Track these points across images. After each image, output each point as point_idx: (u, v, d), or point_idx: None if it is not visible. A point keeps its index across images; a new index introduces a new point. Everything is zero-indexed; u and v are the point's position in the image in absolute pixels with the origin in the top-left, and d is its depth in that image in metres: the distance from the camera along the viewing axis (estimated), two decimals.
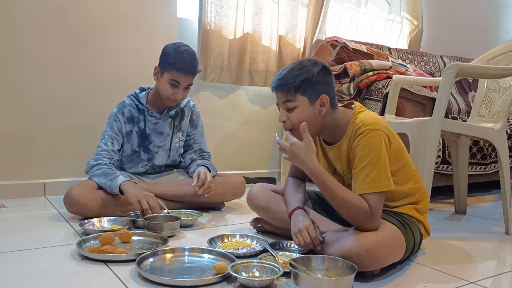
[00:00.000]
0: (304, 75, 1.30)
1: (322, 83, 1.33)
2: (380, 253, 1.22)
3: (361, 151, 1.28)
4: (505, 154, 1.88)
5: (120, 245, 1.43)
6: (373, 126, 1.29)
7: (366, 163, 1.27)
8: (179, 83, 1.87)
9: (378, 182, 1.26)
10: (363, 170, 1.27)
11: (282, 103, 1.34)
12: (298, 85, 1.30)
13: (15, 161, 2.17)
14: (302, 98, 1.31)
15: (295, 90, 1.31)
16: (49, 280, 1.18)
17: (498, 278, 1.36)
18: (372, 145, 1.27)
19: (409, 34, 3.53)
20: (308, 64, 1.33)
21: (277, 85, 1.34)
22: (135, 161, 2.00)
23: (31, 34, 2.15)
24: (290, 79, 1.31)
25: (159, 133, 2.00)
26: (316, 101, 1.32)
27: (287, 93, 1.32)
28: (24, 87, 2.16)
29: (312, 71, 1.31)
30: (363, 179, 1.27)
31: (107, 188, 1.78)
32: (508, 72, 1.81)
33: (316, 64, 1.34)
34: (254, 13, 2.70)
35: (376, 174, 1.26)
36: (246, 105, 2.83)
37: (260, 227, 1.70)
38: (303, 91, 1.31)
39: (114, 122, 1.94)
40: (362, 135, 1.29)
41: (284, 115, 1.35)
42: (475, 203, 2.50)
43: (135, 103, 1.97)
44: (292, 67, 1.34)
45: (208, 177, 1.88)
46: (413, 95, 2.34)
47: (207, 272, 1.24)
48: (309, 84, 1.31)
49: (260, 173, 2.89)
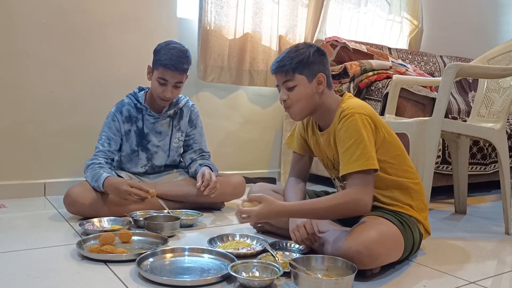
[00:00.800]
0: (300, 56, 1.38)
1: (318, 63, 1.40)
2: (380, 250, 1.23)
3: (345, 132, 1.32)
4: (505, 154, 1.88)
5: (120, 245, 1.43)
6: (356, 110, 1.33)
7: (351, 143, 1.30)
8: (166, 80, 1.85)
9: (363, 160, 1.28)
10: (348, 151, 1.31)
11: (282, 83, 1.41)
12: (296, 66, 1.37)
13: (15, 161, 2.17)
14: (301, 77, 1.38)
15: (293, 70, 1.38)
16: (49, 280, 1.18)
17: (498, 278, 1.36)
18: (355, 126, 1.31)
19: (409, 34, 3.53)
20: (303, 47, 1.41)
21: (276, 67, 1.41)
22: (134, 161, 2.00)
23: (31, 34, 2.15)
24: (287, 61, 1.38)
25: (157, 133, 2.00)
26: (314, 79, 1.39)
27: (285, 74, 1.39)
28: (24, 87, 2.16)
29: (308, 52, 1.39)
30: (348, 159, 1.30)
31: (97, 189, 1.79)
32: (508, 72, 1.81)
33: (311, 46, 1.42)
34: (254, 13, 2.70)
35: (361, 153, 1.29)
36: (246, 105, 2.83)
37: (260, 227, 1.70)
38: (301, 70, 1.38)
39: (112, 121, 1.94)
40: (346, 118, 1.33)
41: (285, 94, 1.41)
42: (475, 203, 2.50)
43: (133, 102, 1.97)
44: (289, 50, 1.41)
45: (213, 177, 1.89)
46: (413, 95, 2.34)
47: (207, 272, 1.24)
48: (306, 64, 1.38)
49: (260, 173, 2.89)
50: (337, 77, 2.60)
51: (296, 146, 1.62)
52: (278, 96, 2.93)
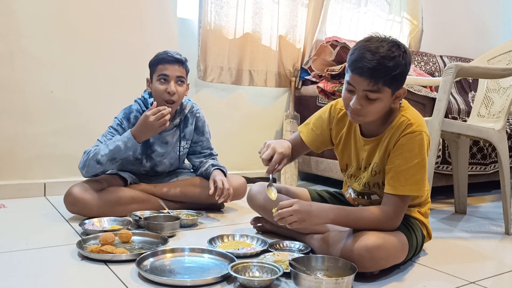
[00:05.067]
0: (397, 68, 1.19)
1: (406, 74, 1.25)
2: (381, 254, 1.22)
3: (409, 151, 1.26)
4: (505, 154, 1.88)
5: (120, 245, 1.43)
6: (423, 128, 1.28)
7: (413, 164, 1.25)
8: (167, 75, 1.82)
9: (421, 185, 1.27)
10: (408, 172, 1.26)
11: (362, 90, 1.22)
12: (389, 78, 1.19)
13: (15, 161, 2.17)
14: (387, 90, 1.22)
15: (384, 82, 1.19)
16: (49, 280, 1.18)
17: (498, 278, 1.36)
18: (421, 147, 1.26)
19: (409, 34, 3.53)
20: (399, 52, 1.21)
21: (367, 73, 1.19)
22: (137, 166, 1.98)
23: (31, 34, 2.15)
24: (382, 71, 1.18)
25: (164, 143, 1.95)
26: (396, 93, 1.26)
27: (374, 84, 1.19)
28: (24, 87, 2.16)
29: (404, 63, 1.21)
30: (406, 179, 1.26)
31: (120, 151, 1.73)
32: (508, 72, 1.81)
33: (406, 53, 1.22)
34: (254, 13, 2.70)
35: (420, 178, 1.26)
36: (246, 105, 2.83)
37: (260, 227, 1.70)
38: (390, 84, 1.21)
39: (117, 126, 1.87)
40: (414, 135, 1.26)
41: (360, 103, 1.23)
42: (475, 203, 2.50)
43: (142, 108, 1.91)
44: (385, 54, 1.18)
45: (226, 184, 1.85)
46: (413, 95, 2.34)
47: (208, 271, 1.24)
48: (399, 78, 1.22)
49: (260, 173, 2.88)
50: (337, 77, 2.60)
51: (308, 137, 1.50)
52: (277, 96, 2.95)
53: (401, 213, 1.29)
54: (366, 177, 1.39)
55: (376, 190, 1.39)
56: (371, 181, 1.39)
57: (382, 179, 1.35)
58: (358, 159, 1.41)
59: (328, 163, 2.69)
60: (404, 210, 1.30)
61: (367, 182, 1.39)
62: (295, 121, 2.92)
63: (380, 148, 1.33)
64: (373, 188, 1.40)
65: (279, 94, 2.95)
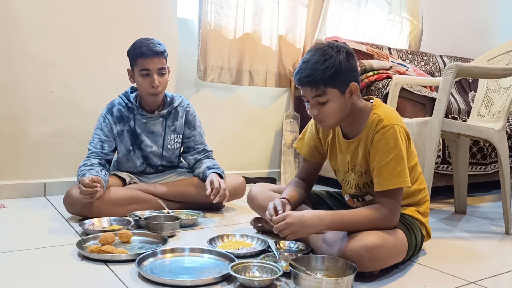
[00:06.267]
0: (331, 68, 1.23)
1: (349, 70, 1.27)
2: (381, 254, 1.22)
3: (384, 146, 1.27)
4: (505, 154, 1.88)
5: (120, 245, 1.43)
6: (395, 121, 1.29)
7: (391, 158, 1.27)
8: (148, 69, 1.84)
9: (404, 177, 1.27)
10: (388, 166, 1.27)
11: (311, 97, 1.28)
12: (327, 79, 1.23)
13: (15, 161, 2.17)
14: (333, 90, 1.26)
15: (324, 84, 1.24)
16: (49, 280, 1.18)
17: (498, 278, 1.36)
18: (395, 139, 1.27)
19: (409, 34, 3.53)
20: (332, 53, 1.25)
21: (305, 82, 1.26)
22: (132, 160, 1.99)
23: (31, 34, 2.15)
24: (317, 75, 1.23)
25: (150, 133, 1.98)
26: (346, 90, 1.28)
27: (316, 89, 1.25)
28: (24, 87, 2.16)
29: (338, 61, 1.24)
30: (388, 174, 1.27)
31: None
32: (508, 72, 1.81)
33: (340, 51, 1.26)
34: (254, 13, 2.70)
35: (401, 169, 1.27)
36: (246, 105, 2.83)
37: (260, 227, 1.70)
38: (333, 84, 1.25)
39: (103, 123, 1.93)
40: (385, 129, 1.28)
41: (315, 109, 1.29)
42: (475, 203, 2.50)
43: (124, 101, 1.96)
44: (316, 59, 1.25)
45: (222, 185, 1.85)
46: (413, 95, 2.34)
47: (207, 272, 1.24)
48: (338, 76, 1.24)
49: (260, 173, 2.89)
50: None
51: (306, 152, 1.55)
52: (277, 96, 2.95)
53: (395, 208, 1.29)
54: (355, 179, 1.41)
55: (367, 190, 1.40)
56: (360, 183, 1.40)
57: (370, 178, 1.36)
58: (344, 162, 1.43)
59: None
60: (399, 205, 1.29)
61: (357, 184, 1.41)
62: (295, 121, 2.92)
63: (361, 148, 1.35)
64: (364, 189, 1.41)
65: (279, 94, 2.95)
